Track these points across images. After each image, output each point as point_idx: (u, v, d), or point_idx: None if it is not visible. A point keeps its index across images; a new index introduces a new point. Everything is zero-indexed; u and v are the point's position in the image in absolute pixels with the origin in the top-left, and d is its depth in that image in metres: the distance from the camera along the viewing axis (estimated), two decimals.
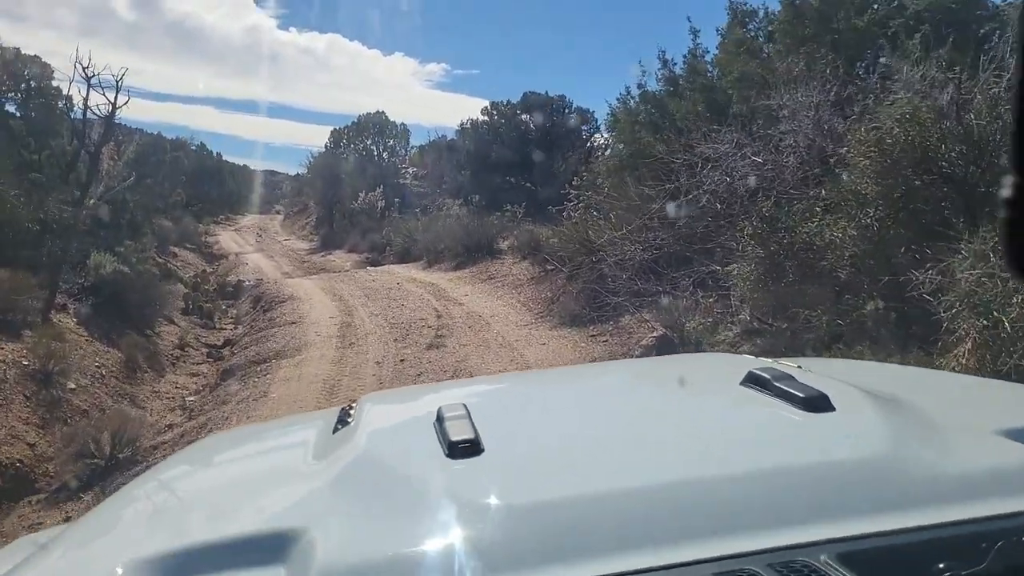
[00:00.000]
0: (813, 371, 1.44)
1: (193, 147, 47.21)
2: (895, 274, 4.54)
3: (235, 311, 15.83)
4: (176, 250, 23.62)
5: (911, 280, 4.36)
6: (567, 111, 35.76)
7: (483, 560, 0.85)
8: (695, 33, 10.09)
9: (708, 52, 9.66)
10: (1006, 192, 0.51)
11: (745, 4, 9.91)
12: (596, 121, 34.66)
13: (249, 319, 13.46)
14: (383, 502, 1.00)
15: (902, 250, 4.66)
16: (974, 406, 1.39)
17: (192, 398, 8.95)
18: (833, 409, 1.16)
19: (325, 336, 9.91)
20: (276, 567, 0.90)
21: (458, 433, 1.11)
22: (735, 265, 5.59)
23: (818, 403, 1.17)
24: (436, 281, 14.52)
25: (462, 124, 36.00)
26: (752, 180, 6.11)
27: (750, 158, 6.33)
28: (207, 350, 12.11)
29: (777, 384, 1.26)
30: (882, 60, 6.80)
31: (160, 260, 16.58)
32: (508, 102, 35.69)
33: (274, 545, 0.93)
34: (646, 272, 7.82)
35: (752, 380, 1.32)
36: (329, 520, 0.97)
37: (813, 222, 4.88)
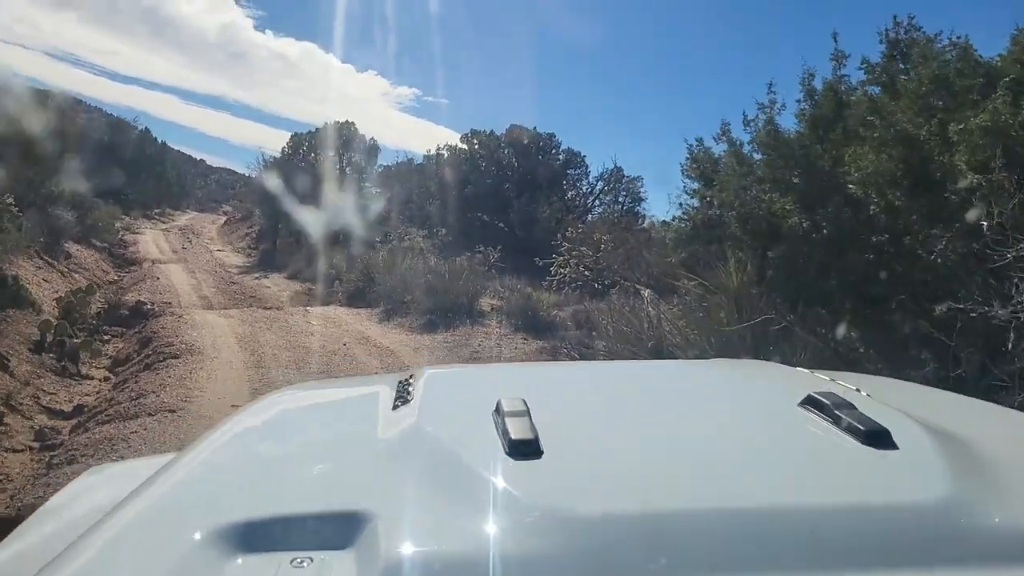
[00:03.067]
0: (874, 398, 1.44)
1: (136, 130, 42.74)
2: None
3: (120, 346, 11.74)
4: (78, 248, 19.26)
5: None
6: (555, 151, 32.69)
7: (535, 567, 0.87)
8: (839, 59, 6.71)
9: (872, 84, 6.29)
10: None
11: (910, 32, 6.61)
12: (587, 166, 31.70)
13: (125, 373, 9.42)
14: (444, 496, 1.02)
15: None
16: None
17: None
18: (896, 447, 1.14)
19: None
20: (347, 549, 0.92)
21: (518, 432, 1.13)
22: None
23: (879, 438, 1.15)
24: (396, 348, 10.72)
25: (438, 149, 32.61)
26: None
27: None
28: (45, 420, 8.05)
29: (837, 412, 1.25)
30: None
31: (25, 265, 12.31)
32: (491, 132, 32.49)
33: (343, 525, 0.95)
34: None
35: (811, 403, 1.32)
36: (394, 508, 1.00)
37: None
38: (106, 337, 12.23)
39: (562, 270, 19.50)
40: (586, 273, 19.61)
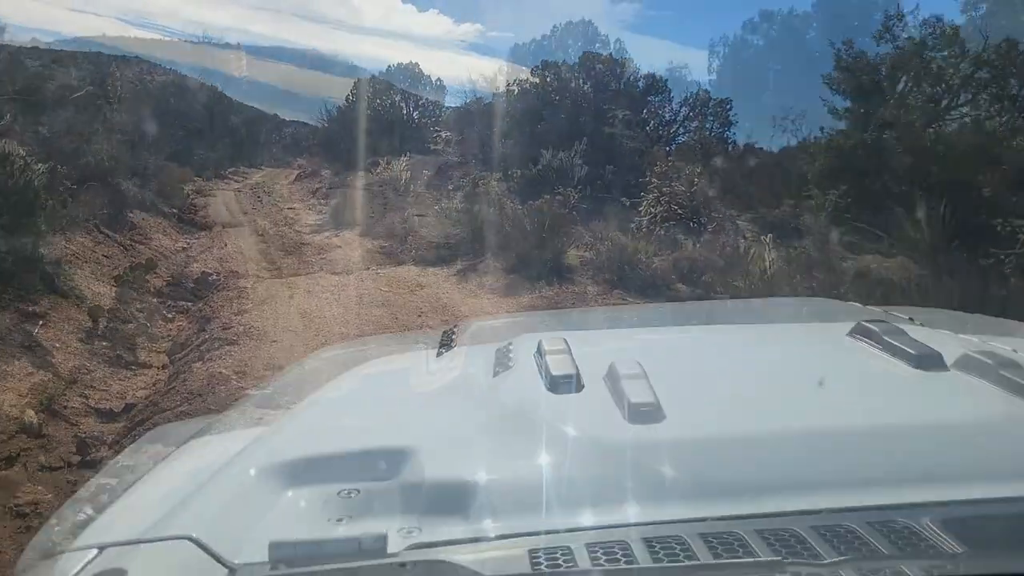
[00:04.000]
0: (926, 325, 1.42)
1: (209, 88, 42.45)
2: None
3: (182, 324, 10.89)
4: (144, 216, 18.63)
5: None
6: (633, 78, 30.39)
7: (578, 492, 0.89)
8: None
9: None
10: None
11: None
12: (669, 91, 29.40)
13: (180, 363, 8.49)
14: (484, 429, 1.07)
15: None
16: None
17: None
18: (946, 368, 1.12)
19: None
20: (391, 480, 0.99)
21: (559, 368, 1.14)
22: None
23: (930, 361, 1.12)
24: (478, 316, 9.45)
25: (507, 85, 30.87)
26: None
27: None
28: (93, 424, 7.16)
29: (887, 338, 1.23)
30: None
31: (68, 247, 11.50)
32: (564, 61, 30.49)
33: (386, 460, 1.02)
34: None
35: (861, 332, 1.31)
36: (435, 442, 1.05)
37: None
38: (169, 315, 11.41)
39: (652, 209, 17.74)
40: (679, 212, 17.80)
